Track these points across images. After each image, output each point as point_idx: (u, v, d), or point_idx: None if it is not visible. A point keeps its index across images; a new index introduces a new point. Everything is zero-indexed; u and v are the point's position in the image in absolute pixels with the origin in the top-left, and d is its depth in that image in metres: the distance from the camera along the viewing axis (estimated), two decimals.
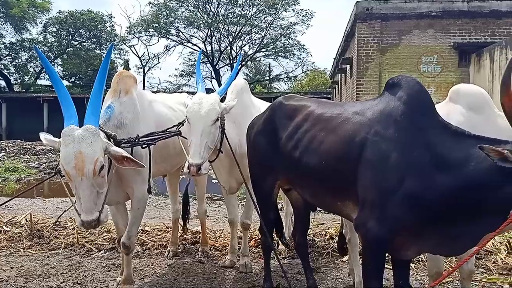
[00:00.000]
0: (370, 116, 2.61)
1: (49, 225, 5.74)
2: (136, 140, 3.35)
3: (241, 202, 6.93)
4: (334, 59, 19.92)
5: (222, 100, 3.78)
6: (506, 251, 4.89)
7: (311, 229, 5.79)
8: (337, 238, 4.69)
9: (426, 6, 12.04)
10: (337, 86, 19.91)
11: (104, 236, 5.35)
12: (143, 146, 3.39)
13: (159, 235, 5.48)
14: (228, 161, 3.84)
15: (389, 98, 2.61)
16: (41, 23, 37.05)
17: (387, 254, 2.70)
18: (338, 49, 17.40)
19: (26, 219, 5.82)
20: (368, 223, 2.45)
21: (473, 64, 11.76)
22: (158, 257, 4.82)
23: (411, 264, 4.57)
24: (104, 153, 2.81)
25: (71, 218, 5.88)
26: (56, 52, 37.45)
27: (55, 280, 4.15)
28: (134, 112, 3.54)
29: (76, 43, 38.01)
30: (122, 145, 3.15)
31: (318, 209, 4.22)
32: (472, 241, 2.31)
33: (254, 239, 5.16)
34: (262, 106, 4.36)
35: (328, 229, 5.77)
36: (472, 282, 4.10)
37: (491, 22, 11.95)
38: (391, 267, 3.01)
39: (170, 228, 5.18)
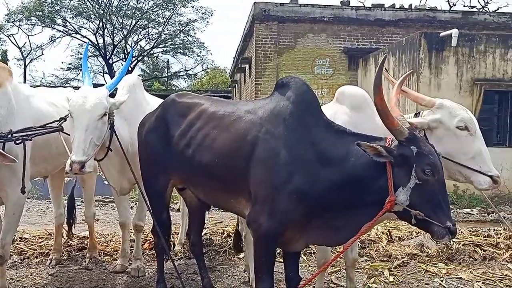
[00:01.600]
0: (261, 115, 2.70)
1: None
2: (9, 136, 3.02)
3: (135, 203, 6.67)
4: (234, 58, 20.14)
5: (113, 96, 3.59)
6: (387, 240, 5.36)
7: (209, 228, 5.79)
8: (233, 235, 4.72)
9: (319, 11, 12.72)
10: (237, 85, 20.18)
11: None
12: (17, 142, 3.05)
13: (40, 242, 5.03)
14: (119, 160, 3.65)
15: (278, 97, 2.72)
16: None
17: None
18: (238, 49, 17.63)
19: None
20: (259, 219, 2.53)
21: (360, 68, 12.72)
22: (38, 266, 4.41)
23: (303, 256, 4.81)
24: None
25: None
26: None
27: None
28: (9, 107, 3.20)
29: None
30: None
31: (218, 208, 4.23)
32: (352, 231, 2.47)
33: (148, 242, 4.98)
34: (156, 103, 4.20)
35: (226, 227, 5.81)
36: (356, 270, 4.42)
37: (376, 30, 13.03)
38: (282, 260, 3.11)
39: (53, 234, 4.77)
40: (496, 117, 9.47)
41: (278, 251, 3.82)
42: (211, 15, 31.35)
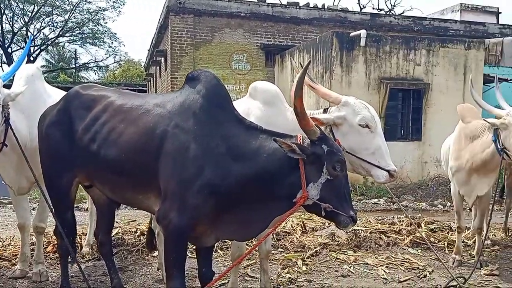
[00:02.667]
0: (170, 108, 2.65)
1: None
2: None
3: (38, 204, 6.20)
4: (149, 50, 19.51)
5: (9, 87, 3.29)
6: (301, 231, 5.54)
7: (121, 227, 5.56)
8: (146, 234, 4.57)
9: (236, 6, 12.75)
10: (152, 78, 19.61)
11: None
12: None
13: None
14: (16, 156, 3.38)
15: (189, 91, 2.69)
16: None
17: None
18: (152, 41, 17.10)
19: None
20: (169, 215, 2.49)
21: (277, 64, 13.00)
22: None
23: (219, 251, 4.81)
24: None
25: None
26: None
27: None
28: None
29: None
30: None
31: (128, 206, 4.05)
32: (263, 225, 2.53)
33: (52, 244, 4.65)
34: (59, 96, 3.92)
35: (139, 225, 5.61)
36: (272, 261, 4.52)
37: (291, 28, 13.39)
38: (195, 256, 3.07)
39: None
40: (400, 113, 10.19)
41: (192, 247, 3.79)
42: (123, 4, 29.99)
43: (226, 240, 4.57)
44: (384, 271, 4.38)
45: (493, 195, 4.31)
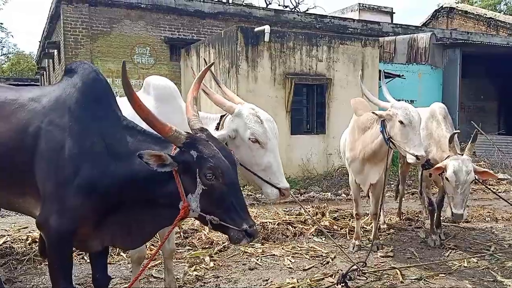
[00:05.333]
0: (45, 103, 2.45)
1: None
2: None
3: None
4: (40, 42, 18.02)
5: None
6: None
7: (10, 235, 5.06)
8: (38, 241, 4.18)
9: None
10: (45, 72, 18.16)
11: None
12: None
13: None
14: None
15: (65, 84, 2.49)
16: None
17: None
18: (43, 32, 15.79)
19: None
20: (50, 219, 2.30)
21: (183, 58, 12.73)
22: None
23: (123, 253, 4.55)
24: None
25: None
26: None
27: None
28: None
29: None
30: None
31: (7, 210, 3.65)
32: (149, 234, 2.41)
33: None
34: None
35: (30, 232, 5.14)
36: (178, 260, 4.39)
37: (196, 21, 13.19)
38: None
39: None
40: (305, 108, 10.55)
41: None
42: None
43: None
44: (290, 260, 4.48)
45: (385, 182, 4.60)
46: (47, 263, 4.10)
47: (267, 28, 9.71)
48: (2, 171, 2.43)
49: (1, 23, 28.02)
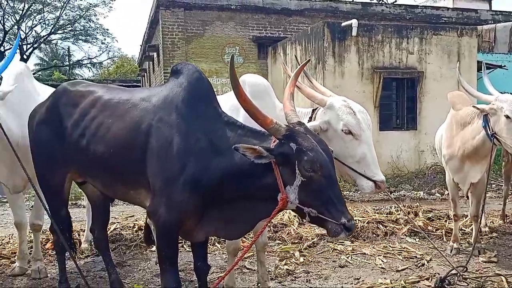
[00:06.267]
0: (155, 102, 2.63)
1: None
2: None
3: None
4: (141, 46, 19.40)
5: None
6: (298, 223, 5.54)
7: (119, 222, 5.56)
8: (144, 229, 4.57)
9: None
10: (146, 74, 19.51)
11: None
12: None
13: None
14: (8, 155, 3.33)
15: (172, 84, 2.66)
16: None
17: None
18: (144, 36, 16.99)
19: None
20: (159, 210, 2.48)
21: (270, 56, 12.95)
22: None
23: (218, 244, 4.81)
24: None
25: None
26: None
27: None
28: None
29: None
30: None
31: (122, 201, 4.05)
32: (250, 225, 2.50)
33: (51, 241, 4.64)
34: (49, 94, 3.90)
35: (137, 220, 5.62)
36: (269, 253, 4.53)
37: (283, 19, 13.32)
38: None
39: None
40: (395, 102, 10.20)
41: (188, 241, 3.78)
42: (114, 0, 29.83)
43: None
44: (382, 260, 4.39)
45: (487, 182, 4.31)
46: (151, 249, 4.58)
47: (354, 22, 9.53)
48: (118, 166, 2.66)
49: (107, 29, 30.66)
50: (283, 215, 5.59)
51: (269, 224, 5.23)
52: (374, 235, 5.18)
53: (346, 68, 9.62)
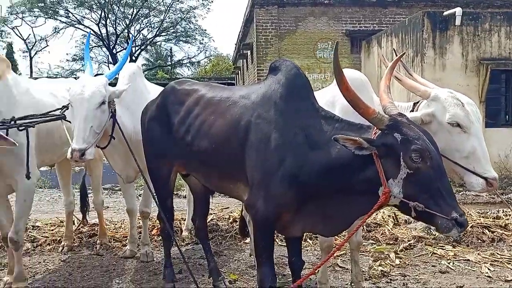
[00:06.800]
0: (254, 99, 2.70)
1: None
2: (12, 122, 3.06)
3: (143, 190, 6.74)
4: (236, 44, 20.02)
5: (115, 84, 3.60)
6: (393, 223, 5.35)
7: (215, 213, 5.84)
8: (239, 221, 4.75)
9: None
10: (240, 71, 20.09)
11: None
12: (20, 128, 3.09)
13: (52, 230, 5.15)
14: (123, 148, 3.67)
15: (270, 81, 2.70)
16: None
17: None
18: (239, 35, 17.52)
19: None
20: (256, 204, 2.54)
21: (363, 50, 12.59)
22: (51, 253, 4.53)
23: (309, 240, 4.83)
24: None
25: None
26: None
27: None
28: (9, 99, 3.24)
29: None
30: None
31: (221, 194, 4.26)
32: (347, 222, 2.44)
33: (156, 228, 5.04)
34: (157, 92, 4.21)
35: (232, 213, 5.85)
36: (362, 253, 4.43)
37: (378, 11, 12.85)
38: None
39: (64, 222, 4.86)
40: (504, 96, 9.36)
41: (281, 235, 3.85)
42: (212, 2, 31.31)
43: None
44: (489, 269, 4.05)
45: None
46: (245, 241, 4.75)
47: (458, 10, 8.89)
48: (219, 160, 2.79)
49: (205, 30, 32.22)
50: (377, 214, 5.43)
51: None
52: (479, 241, 4.81)
53: (447, 60, 9.03)
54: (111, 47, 31.12)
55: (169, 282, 3.59)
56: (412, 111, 2.94)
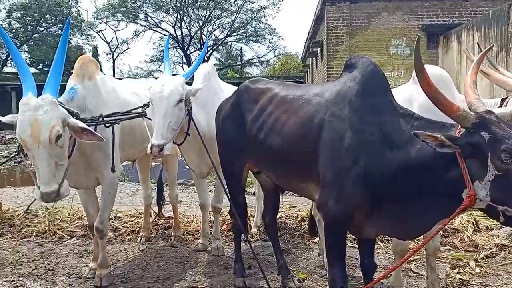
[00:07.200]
0: (328, 97, 2.65)
1: (20, 214, 5.65)
2: (99, 119, 3.31)
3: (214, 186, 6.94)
4: (305, 42, 19.94)
5: (190, 84, 3.75)
6: (473, 229, 5.03)
7: (283, 211, 5.86)
8: (308, 220, 4.73)
9: None
10: (308, 70, 19.97)
11: (76, 223, 5.31)
12: (107, 125, 3.33)
13: (132, 221, 5.46)
14: (198, 145, 3.81)
15: (345, 78, 2.64)
16: (5, 9, 35.68)
17: None
18: (309, 33, 17.41)
19: None
20: (328, 203, 2.49)
21: (441, 46, 11.95)
22: (130, 243, 4.81)
23: (380, 242, 4.69)
24: (63, 124, 2.77)
25: (42, 206, 5.78)
26: (22, 39, 36.12)
27: (26, 267, 4.09)
28: (98, 98, 3.49)
29: (42, 29, 36.81)
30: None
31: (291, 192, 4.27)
32: (425, 225, 2.32)
33: (226, 223, 5.18)
34: (230, 90, 4.32)
35: (300, 211, 5.83)
36: (439, 259, 4.22)
37: (458, 4, 12.13)
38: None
39: (143, 214, 5.16)
40: None
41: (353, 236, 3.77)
42: (282, 1, 31.55)
43: None
44: None
45: None
46: (313, 240, 4.72)
47: None
48: (291, 159, 2.79)
49: (274, 29, 32.63)
50: (455, 219, 5.14)
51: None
52: None
53: None
54: (185, 48, 32.47)
55: (239, 277, 3.66)
56: (500, 107, 2.76)
